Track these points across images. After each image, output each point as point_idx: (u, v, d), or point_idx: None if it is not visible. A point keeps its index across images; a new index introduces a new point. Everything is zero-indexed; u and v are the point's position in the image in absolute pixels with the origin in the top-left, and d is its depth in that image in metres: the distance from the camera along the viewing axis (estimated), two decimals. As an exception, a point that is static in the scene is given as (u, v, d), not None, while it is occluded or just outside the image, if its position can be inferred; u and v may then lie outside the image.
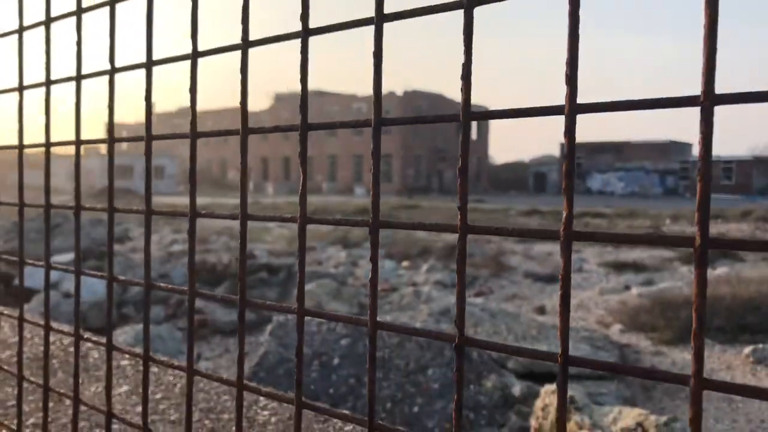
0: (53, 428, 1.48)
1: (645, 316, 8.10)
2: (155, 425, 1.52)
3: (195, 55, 0.76)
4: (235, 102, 0.96)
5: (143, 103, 0.83)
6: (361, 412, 3.41)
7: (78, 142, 0.88)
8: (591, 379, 5.82)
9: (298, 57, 0.69)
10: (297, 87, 0.75)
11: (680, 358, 7.01)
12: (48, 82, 0.91)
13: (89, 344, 2.33)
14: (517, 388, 4.28)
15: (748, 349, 6.94)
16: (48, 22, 0.88)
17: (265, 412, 1.65)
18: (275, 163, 64.59)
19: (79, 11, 0.80)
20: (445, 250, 13.40)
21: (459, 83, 0.63)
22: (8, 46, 0.98)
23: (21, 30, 0.93)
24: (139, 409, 1.61)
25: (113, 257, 0.90)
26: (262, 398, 1.76)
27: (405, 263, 12.37)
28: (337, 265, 12.10)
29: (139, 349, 1.05)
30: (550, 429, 3.75)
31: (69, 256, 9.71)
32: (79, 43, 0.83)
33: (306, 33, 0.66)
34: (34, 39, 0.92)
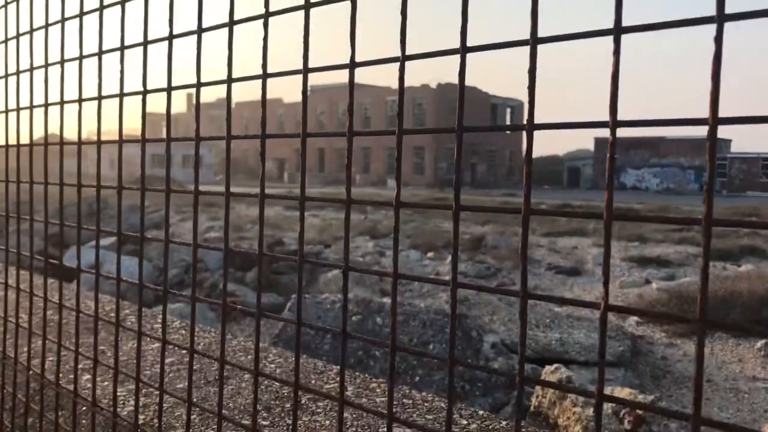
0: None
1: (661, 309, 8.24)
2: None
3: (353, 65, 0.75)
4: (273, 93, 1.13)
5: (184, 92, 1.12)
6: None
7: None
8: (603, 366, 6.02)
9: (329, 49, 0.82)
10: (330, 80, 0.89)
11: (692, 351, 7.16)
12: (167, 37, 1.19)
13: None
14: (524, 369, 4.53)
15: (760, 343, 7.06)
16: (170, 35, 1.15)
17: (272, 365, 1.96)
18: (310, 154, 65.24)
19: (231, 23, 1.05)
20: (471, 243, 13.62)
21: (491, 75, 0.74)
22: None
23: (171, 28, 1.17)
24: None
25: (230, 236, 1.19)
26: (271, 354, 2.08)
27: (429, 254, 12.65)
28: (364, 254, 12.43)
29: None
30: (548, 406, 4.01)
31: (111, 239, 10.21)
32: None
33: (464, 49, 0.67)
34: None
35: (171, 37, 0.93)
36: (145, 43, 0.97)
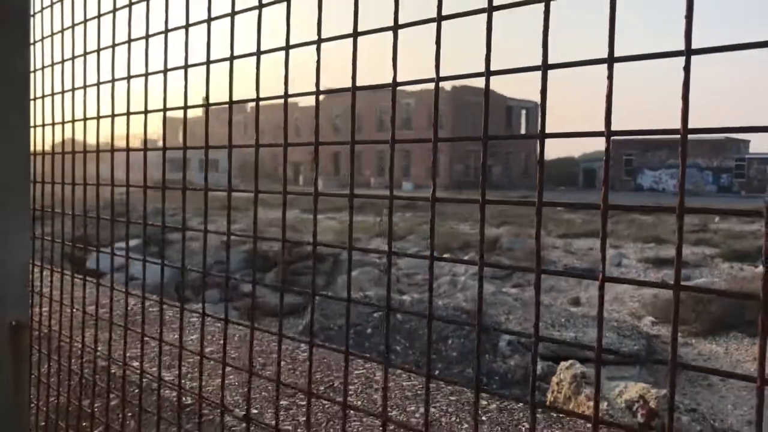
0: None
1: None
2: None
3: (395, 85, 0.90)
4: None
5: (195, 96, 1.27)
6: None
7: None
8: (616, 364, 6.13)
9: (344, 52, 0.87)
10: (344, 82, 1.01)
11: (707, 350, 7.24)
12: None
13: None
14: (539, 367, 4.67)
15: (774, 342, 7.12)
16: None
17: (304, 353, 2.11)
18: (326, 158, 65.63)
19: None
20: (486, 244, 13.74)
21: (504, 77, 0.87)
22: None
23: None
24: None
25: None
26: (302, 345, 2.23)
27: (445, 255, 12.78)
28: (380, 256, 12.59)
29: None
30: (563, 401, 4.13)
31: (136, 241, 10.44)
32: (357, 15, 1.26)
33: (488, 73, 0.79)
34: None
35: (231, 58, 1.08)
36: (208, 63, 1.12)
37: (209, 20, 1.13)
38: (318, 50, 0.95)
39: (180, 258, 1.36)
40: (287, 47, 0.98)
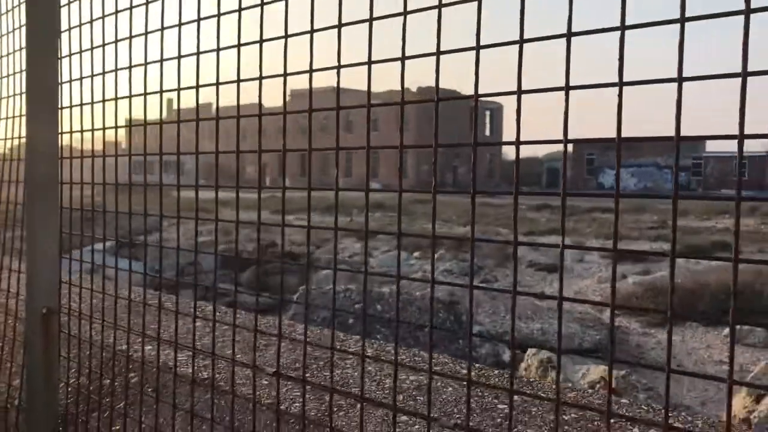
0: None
1: (636, 301, 8.71)
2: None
3: (436, 102, 1.37)
4: (252, 98, 1.42)
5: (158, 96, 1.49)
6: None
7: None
8: (581, 354, 6.46)
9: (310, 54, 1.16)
10: (310, 84, 1.21)
11: (664, 338, 7.64)
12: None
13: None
14: (507, 355, 4.95)
15: (726, 330, 7.55)
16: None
17: (301, 335, 2.34)
18: (292, 159, 65.45)
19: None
20: (455, 242, 14.05)
21: (469, 75, 1.09)
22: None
23: None
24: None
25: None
26: (299, 327, 2.45)
27: (416, 254, 13.06)
28: (351, 255, 12.83)
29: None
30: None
31: (108, 244, 10.48)
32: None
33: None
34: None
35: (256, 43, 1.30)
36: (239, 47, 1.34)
37: (218, 15, 1.34)
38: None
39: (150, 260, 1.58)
40: (286, 36, 1.21)
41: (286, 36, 1.22)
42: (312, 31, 1.18)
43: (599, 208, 27.68)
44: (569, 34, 0.91)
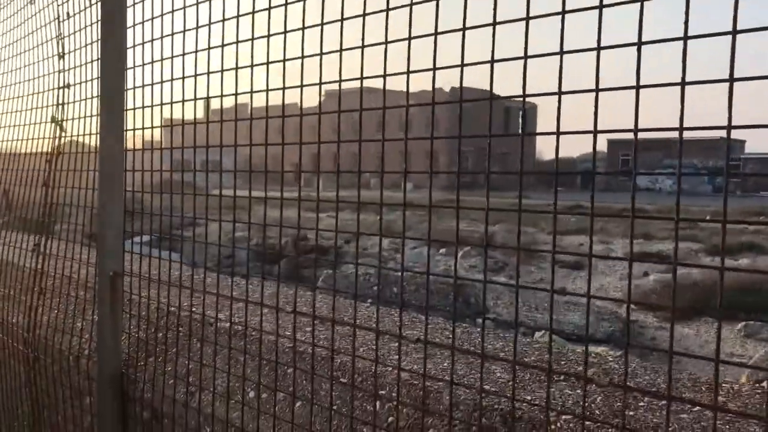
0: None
1: (654, 297, 8.94)
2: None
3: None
4: (286, 98, 1.75)
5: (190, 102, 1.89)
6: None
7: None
8: (592, 342, 6.76)
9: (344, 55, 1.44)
10: (344, 86, 1.52)
11: (679, 333, 7.88)
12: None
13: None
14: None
15: (740, 325, 7.76)
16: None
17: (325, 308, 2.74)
18: (326, 158, 66.09)
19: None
20: (481, 239, 14.38)
21: (504, 78, 1.29)
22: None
23: None
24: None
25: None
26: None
27: (442, 251, 13.42)
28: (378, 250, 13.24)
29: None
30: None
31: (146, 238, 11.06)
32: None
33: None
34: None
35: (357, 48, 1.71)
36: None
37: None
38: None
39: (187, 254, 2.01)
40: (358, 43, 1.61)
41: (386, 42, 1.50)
42: (435, 35, 1.47)
43: (630, 209, 27.54)
44: (640, 43, 0.98)
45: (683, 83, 0.96)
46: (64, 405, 2.59)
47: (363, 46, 1.50)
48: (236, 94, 1.83)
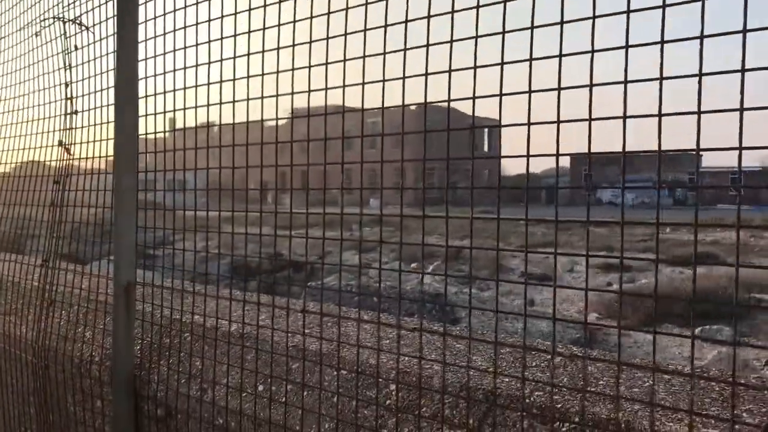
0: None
1: (616, 306, 9.37)
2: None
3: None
4: (253, 116, 1.99)
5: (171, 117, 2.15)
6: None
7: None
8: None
9: (314, 72, 1.67)
10: (312, 103, 1.73)
11: (641, 338, 8.30)
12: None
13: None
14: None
15: (697, 330, 8.20)
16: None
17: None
18: (294, 175, 66.07)
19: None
20: (451, 253, 14.69)
21: (467, 92, 1.61)
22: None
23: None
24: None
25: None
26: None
27: (413, 265, 13.71)
28: (351, 266, 13.48)
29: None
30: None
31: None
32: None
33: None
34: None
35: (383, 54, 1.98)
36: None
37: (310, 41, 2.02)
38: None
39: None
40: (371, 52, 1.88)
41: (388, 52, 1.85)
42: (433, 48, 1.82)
43: (593, 222, 28.28)
44: (591, 85, 1.21)
45: (624, 117, 1.22)
46: (75, 408, 2.79)
47: (327, 63, 1.75)
48: (207, 106, 2.06)
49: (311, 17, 1.70)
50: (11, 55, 3.44)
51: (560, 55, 1.27)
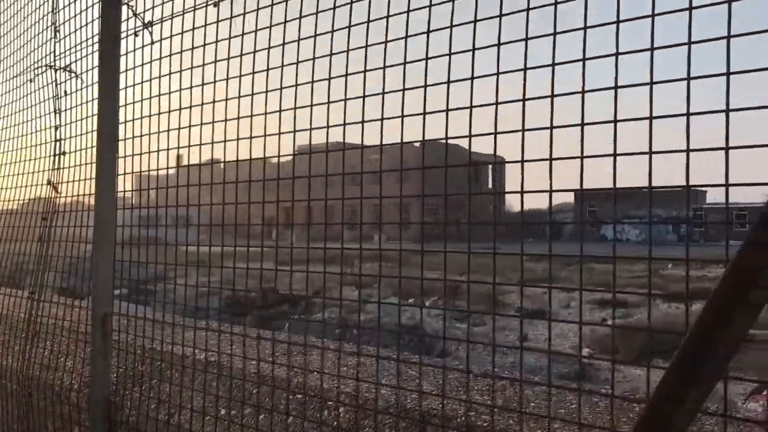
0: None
1: (609, 341, 9.42)
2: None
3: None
4: (255, 152, 2.12)
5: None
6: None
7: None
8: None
9: (317, 111, 1.77)
10: (316, 140, 1.81)
11: (631, 374, 8.32)
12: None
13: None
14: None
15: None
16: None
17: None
18: (298, 211, 66.33)
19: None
20: (449, 289, 14.76)
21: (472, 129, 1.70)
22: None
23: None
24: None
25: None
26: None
27: (410, 300, 13.79)
28: (350, 302, 13.57)
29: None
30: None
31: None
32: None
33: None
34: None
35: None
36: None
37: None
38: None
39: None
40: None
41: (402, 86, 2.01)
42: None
43: (594, 259, 28.28)
44: (582, 124, 1.31)
45: (614, 154, 1.29)
46: (55, 433, 2.91)
47: (329, 102, 1.92)
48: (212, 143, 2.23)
49: (313, 58, 1.84)
50: (6, 100, 3.65)
51: (552, 95, 1.37)
